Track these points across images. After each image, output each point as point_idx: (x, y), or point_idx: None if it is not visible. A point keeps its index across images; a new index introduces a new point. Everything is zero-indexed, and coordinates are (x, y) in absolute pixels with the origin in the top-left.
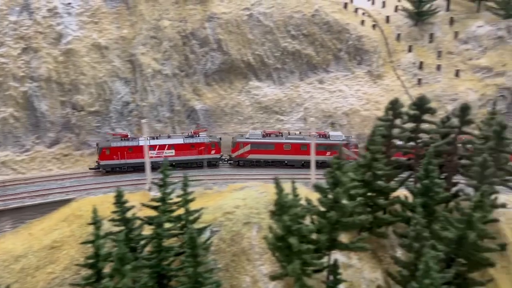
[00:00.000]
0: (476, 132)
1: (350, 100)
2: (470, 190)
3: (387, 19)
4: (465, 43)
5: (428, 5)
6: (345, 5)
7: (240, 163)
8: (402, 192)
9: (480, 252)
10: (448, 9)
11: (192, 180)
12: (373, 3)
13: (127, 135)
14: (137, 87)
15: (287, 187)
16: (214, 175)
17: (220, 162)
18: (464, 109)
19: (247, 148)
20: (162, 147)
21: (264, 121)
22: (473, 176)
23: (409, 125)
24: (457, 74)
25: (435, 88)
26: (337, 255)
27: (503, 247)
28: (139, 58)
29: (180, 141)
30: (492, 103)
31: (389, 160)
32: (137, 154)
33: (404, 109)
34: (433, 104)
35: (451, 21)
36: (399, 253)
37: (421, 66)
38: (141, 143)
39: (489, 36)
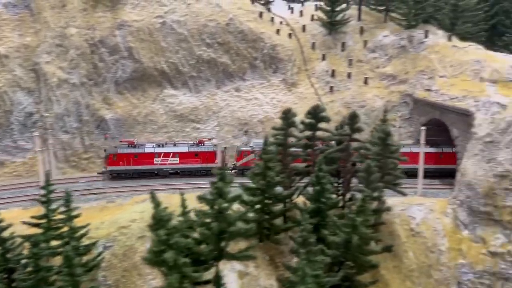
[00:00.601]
0: (366, 138)
1: (265, 108)
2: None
3: (303, 28)
4: (373, 51)
5: (341, 15)
6: (261, 14)
7: (245, 172)
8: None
9: (364, 255)
10: (359, 19)
11: (95, 194)
12: (292, 12)
13: (134, 142)
14: (41, 97)
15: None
16: (120, 187)
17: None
18: (353, 117)
19: (251, 156)
20: (166, 154)
21: (179, 129)
22: (360, 181)
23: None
24: (365, 81)
25: (345, 95)
26: (234, 264)
27: (388, 249)
28: (43, 67)
29: (184, 149)
30: (383, 111)
31: (285, 168)
32: (143, 161)
33: (300, 118)
34: (341, 111)
35: (362, 31)
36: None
37: (333, 74)
38: (146, 150)
39: (393, 45)
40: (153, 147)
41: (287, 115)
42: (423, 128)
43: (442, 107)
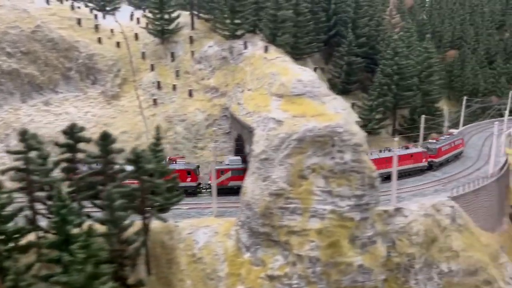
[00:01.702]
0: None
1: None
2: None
3: (136, 36)
4: (199, 62)
5: (175, 24)
6: (79, 21)
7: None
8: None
9: None
10: (193, 28)
11: None
12: (131, 19)
13: None
14: None
15: None
16: None
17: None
18: (104, 137)
19: (228, 175)
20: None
21: None
22: (104, 208)
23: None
24: (190, 94)
25: (168, 108)
26: None
27: (141, 283)
28: None
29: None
30: (156, 129)
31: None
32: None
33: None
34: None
35: (191, 40)
36: None
37: (159, 85)
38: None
39: (216, 56)
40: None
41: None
42: (213, 144)
43: (239, 122)
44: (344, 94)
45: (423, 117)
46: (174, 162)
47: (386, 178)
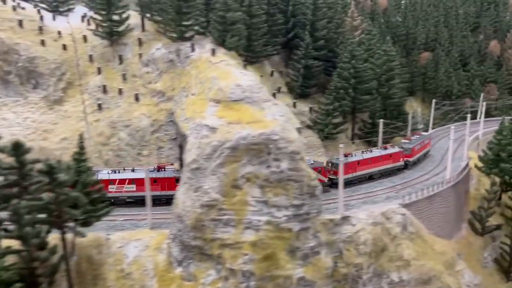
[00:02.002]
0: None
1: (14, 130)
2: None
3: (85, 38)
4: (146, 65)
5: (124, 26)
6: (20, 23)
7: None
8: None
9: None
10: (143, 30)
11: None
12: (82, 20)
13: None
14: None
15: None
16: None
17: None
18: (17, 147)
19: None
20: (122, 181)
21: None
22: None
23: None
24: (137, 98)
25: (113, 113)
26: None
27: None
28: None
29: (142, 175)
30: (79, 137)
31: None
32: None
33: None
34: None
35: (140, 43)
36: None
37: (105, 89)
38: (101, 177)
39: (163, 59)
40: (108, 173)
41: None
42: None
43: (179, 128)
44: (303, 98)
45: (381, 121)
46: (163, 169)
47: (370, 178)
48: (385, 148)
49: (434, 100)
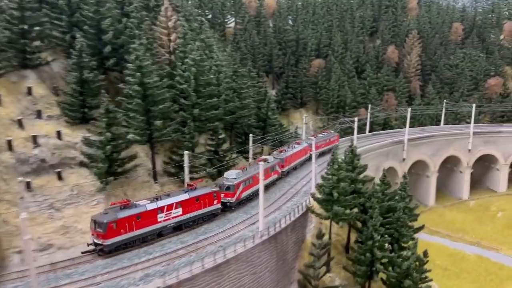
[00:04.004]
0: None
1: None
2: None
3: None
4: None
5: None
6: None
7: None
8: None
9: None
10: None
11: None
12: None
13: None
14: None
15: None
16: None
17: None
18: None
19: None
20: (169, 207)
21: None
22: None
23: None
24: None
25: None
26: None
27: None
28: None
29: (185, 196)
30: None
31: None
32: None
33: None
34: None
35: None
36: None
37: None
38: (149, 207)
39: None
40: (150, 202)
41: None
42: None
43: None
44: (84, 123)
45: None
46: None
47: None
48: (298, 144)
49: (304, 116)
